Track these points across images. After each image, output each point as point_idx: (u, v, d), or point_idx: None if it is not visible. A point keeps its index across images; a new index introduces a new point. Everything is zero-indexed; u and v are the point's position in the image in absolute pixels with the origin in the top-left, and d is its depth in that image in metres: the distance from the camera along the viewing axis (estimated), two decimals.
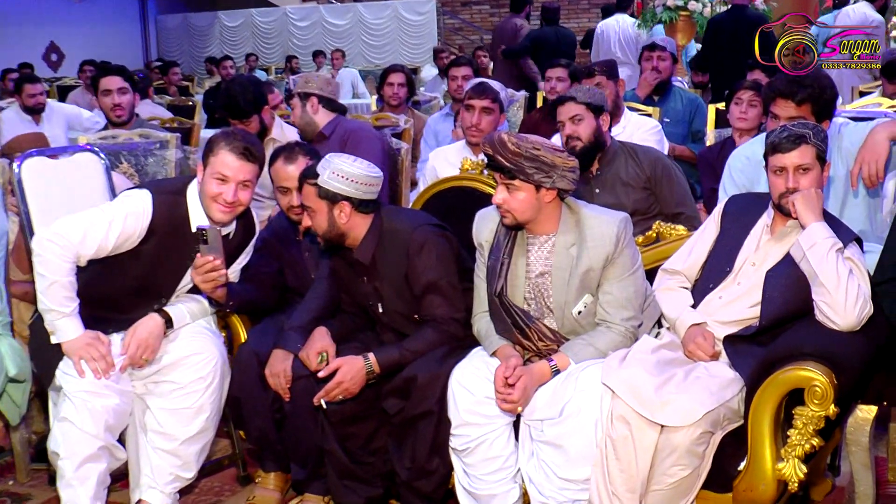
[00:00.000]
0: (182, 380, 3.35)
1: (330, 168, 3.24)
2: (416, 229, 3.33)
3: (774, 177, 3.07)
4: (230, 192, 3.30)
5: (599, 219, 3.09)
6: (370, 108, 9.12)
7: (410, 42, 19.75)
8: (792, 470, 2.73)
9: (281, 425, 3.47)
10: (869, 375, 2.91)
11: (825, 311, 2.86)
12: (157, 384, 3.38)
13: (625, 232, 3.07)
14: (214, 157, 3.31)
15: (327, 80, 5.05)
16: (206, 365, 3.38)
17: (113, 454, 3.27)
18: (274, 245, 3.79)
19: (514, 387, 2.96)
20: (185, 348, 3.39)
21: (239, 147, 3.30)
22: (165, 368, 3.37)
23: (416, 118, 6.51)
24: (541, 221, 3.11)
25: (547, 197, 3.05)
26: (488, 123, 4.64)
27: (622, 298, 3.07)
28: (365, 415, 3.32)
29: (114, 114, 5.61)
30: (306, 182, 3.30)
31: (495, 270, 3.16)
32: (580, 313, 3.10)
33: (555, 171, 2.99)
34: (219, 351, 3.44)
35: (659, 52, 6.46)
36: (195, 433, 3.39)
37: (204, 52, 20.59)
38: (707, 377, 2.88)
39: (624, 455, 2.77)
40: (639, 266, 3.14)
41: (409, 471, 3.24)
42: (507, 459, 3.10)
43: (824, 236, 2.91)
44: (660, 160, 4.24)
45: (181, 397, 3.35)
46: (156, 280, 3.40)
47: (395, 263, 3.34)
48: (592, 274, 3.07)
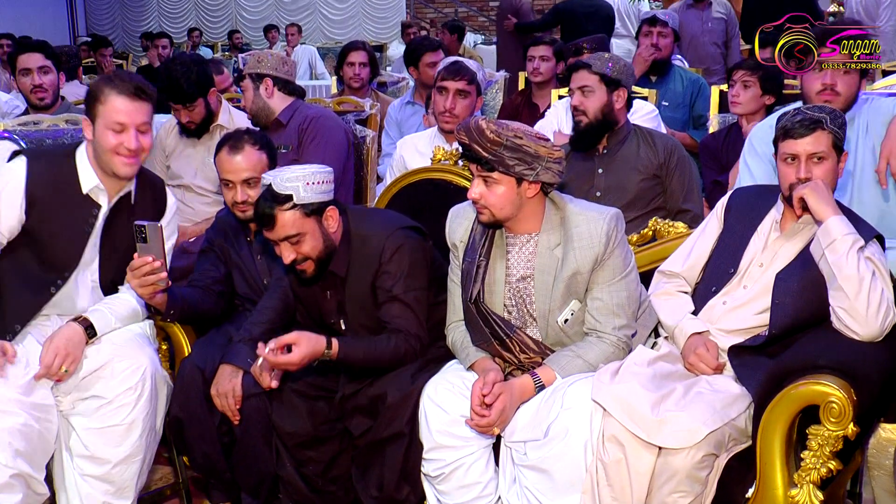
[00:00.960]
0: (107, 393, 3.29)
1: (294, 183, 3.16)
2: (390, 234, 3.32)
3: (785, 166, 3.09)
4: (131, 139, 3.27)
5: (586, 215, 3.09)
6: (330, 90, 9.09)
7: (376, 16, 19.76)
8: (807, 497, 2.75)
9: (230, 450, 3.46)
10: (892, 390, 2.91)
11: (844, 319, 2.88)
12: (83, 401, 3.33)
13: (615, 230, 3.07)
14: (103, 105, 3.28)
15: (283, 60, 5.03)
16: (134, 374, 3.31)
17: (31, 487, 3.20)
18: (221, 247, 3.79)
19: (490, 407, 2.97)
20: (108, 354, 3.33)
21: (129, 87, 3.27)
22: (87, 380, 3.32)
23: (382, 102, 6.50)
24: (522, 219, 3.11)
25: (529, 192, 3.05)
26: (464, 108, 4.64)
27: (613, 305, 3.08)
28: (324, 436, 3.32)
29: (35, 96, 5.55)
30: (279, 211, 3.17)
31: (470, 274, 3.16)
32: (566, 321, 3.11)
33: (538, 162, 2.99)
34: (149, 358, 3.37)
35: (660, 26, 6.44)
36: (128, 454, 3.33)
37: (140, 27, 20.50)
38: (710, 393, 2.89)
39: (617, 481, 2.77)
40: (632, 268, 3.15)
41: (376, 500, 3.24)
42: (486, 486, 3.11)
43: (844, 232, 2.91)
44: (676, 149, 4.29)
45: (109, 413, 3.29)
46: (53, 256, 3.38)
47: (363, 274, 3.33)
48: (580, 278, 3.07)
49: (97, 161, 3.35)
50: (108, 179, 3.37)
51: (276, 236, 3.20)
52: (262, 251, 3.74)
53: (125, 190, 3.43)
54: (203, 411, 3.45)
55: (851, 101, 3.64)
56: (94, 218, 3.36)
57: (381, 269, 3.31)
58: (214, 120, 4.93)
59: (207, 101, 4.86)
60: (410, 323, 3.30)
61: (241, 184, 3.61)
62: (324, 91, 10.70)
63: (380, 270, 3.31)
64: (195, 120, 4.84)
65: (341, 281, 3.35)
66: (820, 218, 2.97)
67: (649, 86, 6.20)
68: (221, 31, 19.98)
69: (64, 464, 3.36)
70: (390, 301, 3.31)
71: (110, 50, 13.30)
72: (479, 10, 19.35)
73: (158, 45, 12.04)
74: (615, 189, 4.21)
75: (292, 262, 3.24)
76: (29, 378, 3.23)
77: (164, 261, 3.28)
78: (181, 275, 3.93)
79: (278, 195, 3.15)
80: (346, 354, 3.21)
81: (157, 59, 10.95)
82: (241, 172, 3.61)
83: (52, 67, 5.61)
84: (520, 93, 6.83)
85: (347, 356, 3.22)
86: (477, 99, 4.72)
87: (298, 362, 3.11)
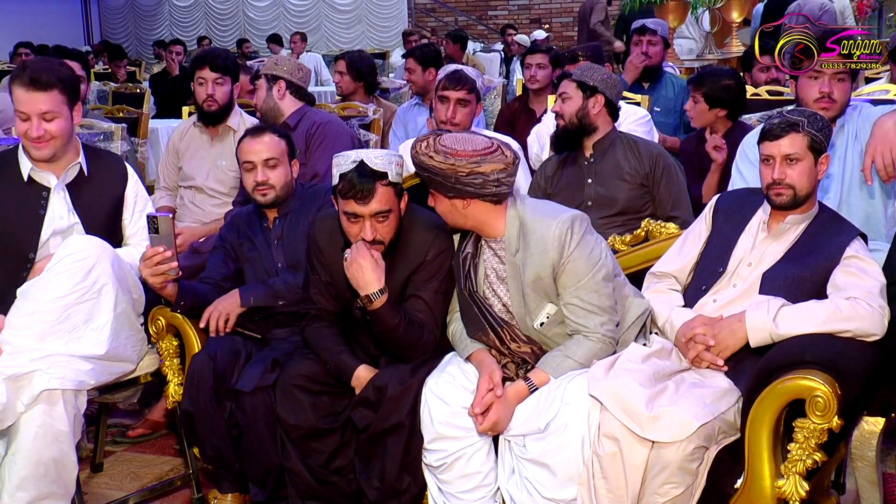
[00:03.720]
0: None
1: (387, 161, 3.17)
2: (438, 234, 3.31)
3: (763, 166, 3.12)
4: (33, 127, 3.42)
5: (542, 221, 3.04)
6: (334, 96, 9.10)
7: (378, 24, 19.78)
8: (793, 487, 2.74)
9: (238, 442, 3.47)
10: (875, 385, 2.92)
11: (859, 336, 2.88)
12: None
13: (569, 233, 2.99)
14: (13, 97, 3.44)
15: (299, 66, 5.09)
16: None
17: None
18: (233, 244, 3.79)
19: (485, 415, 2.98)
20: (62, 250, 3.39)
21: (24, 79, 3.42)
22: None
23: (384, 108, 6.52)
24: (482, 226, 3.11)
25: (462, 205, 3.05)
26: (464, 116, 4.63)
27: (590, 305, 3.03)
28: (327, 429, 3.32)
29: None
30: (379, 185, 3.14)
31: (458, 265, 3.20)
32: (542, 325, 3.10)
33: (448, 180, 2.99)
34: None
35: (649, 35, 6.47)
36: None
37: (152, 35, 20.51)
38: (700, 388, 2.89)
39: (611, 474, 2.77)
40: (599, 265, 3.04)
41: (378, 491, 3.24)
42: (486, 476, 3.11)
43: (765, 318, 2.93)
44: (661, 157, 4.29)
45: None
46: (16, 241, 3.51)
47: (405, 264, 3.31)
48: (544, 283, 3.04)
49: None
50: (43, 162, 3.53)
51: (370, 210, 3.15)
52: (279, 236, 3.75)
53: (73, 165, 3.59)
54: (213, 406, 3.45)
55: (844, 108, 3.65)
56: (44, 200, 3.53)
57: (423, 264, 3.29)
58: (228, 117, 4.94)
59: (232, 88, 4.94)
60: (430, 321, 3.29)
61: (262, 164, 3.65)
62: (329, 97, 10.71)
63: (421, 265, 3.29)
64: (218, 99, 4.87)
65: (388, 266, 3.30)
66: (747, 341, 2.97)
67: (642, 92, 6.20)
68: (230, 40, 19.98)
69: None
70: (417, 297, 3.30)
71: (125, 61, 13.36)
72: (478, 19, 19.38)
73: (173, 51, 12.06)
74: (605, 199, 4.23)
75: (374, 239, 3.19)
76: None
77: (174, 251, 3.30)
78: (191, 273, 3.93)
79: (376, 171, 3.13)
80: (387, 311, 3.18)
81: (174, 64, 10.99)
82: (262, 153, 3.64)
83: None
84: (517, 99, 6.84)
85: (386, 312, 3.18)
86: (477, 106, 4.72)
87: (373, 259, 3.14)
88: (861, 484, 3.09)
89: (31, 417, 3.18)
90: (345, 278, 3.23)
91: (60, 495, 3.29)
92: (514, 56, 13.34)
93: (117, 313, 3.43)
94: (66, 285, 3.29)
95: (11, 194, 3.53)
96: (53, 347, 3.25)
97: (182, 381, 3.62)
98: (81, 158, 3.61)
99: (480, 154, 2.99)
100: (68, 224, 3.58)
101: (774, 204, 3.09)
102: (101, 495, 3.90)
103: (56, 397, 3.20)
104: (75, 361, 3.28)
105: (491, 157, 3.00)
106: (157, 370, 3.77)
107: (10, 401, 3.15)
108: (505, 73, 13.16)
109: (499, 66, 13.51)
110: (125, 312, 3.48)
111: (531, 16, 19.11)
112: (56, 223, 3.55)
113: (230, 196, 4.80)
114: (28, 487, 3.19)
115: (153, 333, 3.64)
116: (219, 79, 4.86)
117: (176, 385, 3.64)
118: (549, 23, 18.60)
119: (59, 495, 3.29)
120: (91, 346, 3.34)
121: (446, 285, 3.32)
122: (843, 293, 2.91)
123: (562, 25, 18.78)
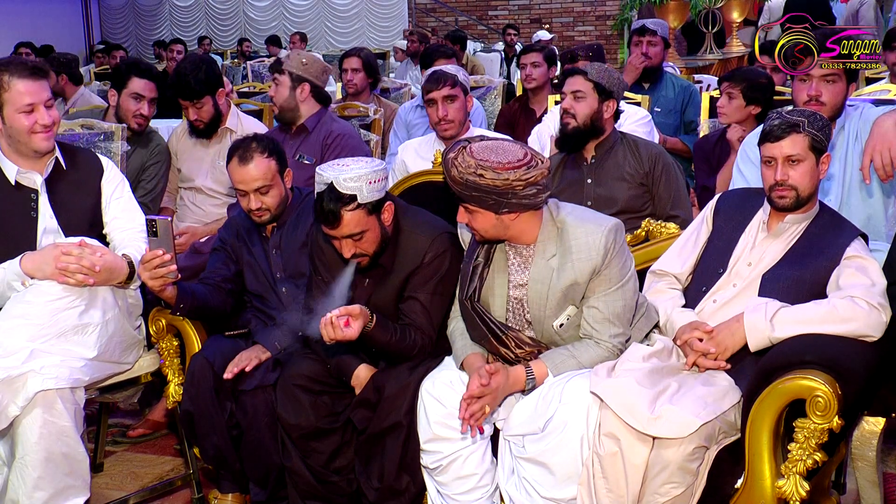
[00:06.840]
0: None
1: (358, 183, 3.11)
2: (437, 237, 3.31)
3: (765, 167, 3.11)
4: (43, 115, 3.41)
5: (585, 228, 3.02)
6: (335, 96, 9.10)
7: (379, 25, 19.77)
8: (793, 487, 2.74)
9: (239, 442, 3.47)
10: (876, 385, 2.92)
11: (859, 336, 2.88)
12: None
13: (614, 242, 3.00)
14: (8, 92, 3.39)
15: (324, 69, 5.02)
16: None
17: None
18: (233, 246, 3.78)
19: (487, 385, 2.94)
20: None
21: (27, 69, 3.41)
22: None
23: (385, 107, 6.51)
24: (516, 235, 3.06)
25: (509, 217, 2.99)
26: (456, 111, 4.64)
27: (609, 314, 3.04)
28: (327, 429, 3.33)
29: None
30: (344, 211, 3.11)
31: (466, 274, 3.15)
32: (562, 326, 3.09)
33: (503, 196, 2.91)
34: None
35: (649, 36, 6.47)
36: None
37: (152, 35, 20.51)
38: (702, 387, 2.89)
39: (612, 473, 2.77)
40: (629, 277, 3.07)
41: (378, 491, 3.24)
42: (483, 477, 3.11)
43: (762, 321, 2.93)
44: (661, 157, 4.28)
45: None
46: (14, 247, 3.44)
47: (403, 268, 3.31)
48: (577, 287, 3.03)
49: (13, 148, 3.47)
50: (28, 161, 3.51)
51: (340, 234, 3.16)
52: (277, 246, 3.73)
53: (51, 161, 3.56)
54: (213, 406, 3.45)
55: (839, 109, 3.65)
56: (34, 202, 3.50)
57: (420, 267, 3.29)
58: (223, 122, 4.92)
59: (216, 100, 4.85)
60: (425, 323, 3.29)
61: (254, 192, 3.59)
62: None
63: (419, 268, 3.29)
64: (203, 119, 4.83)
65: (384, 271, 3.32)
66: (745, 343, 2.97)
67: (642, 92, 6.20)
68: (231, 40, 20.00)
69: None
70: (414, 299, 3.31)
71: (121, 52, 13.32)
72: (478, 19, 19.37)
73: (174, 51, 12.06)
74: (605, 199, 4.21)
75: (355, 255, 3.21)
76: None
77: (173, 254, 3.29)
78: (192, 274, 3.93)
79: (343, 195, 3.10)
80: (378, 333, 3.17)
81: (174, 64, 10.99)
82: (252, 182, 3.57)
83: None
84: (516, 99, 6.83)
85: (378, 334, 3.18)
86: (466, 98, 4.72)
87: (354, 337, 3.07)
88: (861, 484, 3.09)
89: (32, 420, 3.19)
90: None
91: (78, 487, 3.32)
92: (514, 56, 13.35)
93: (108, 318, 3.42)
94: (57, 289, 3.29)
95: (2, 201, 3.49)
96: (44, 349, 3.25)
97: (182, 381, 3.62)
98: (58, 152, 3.59)
99: (525, 164, 2.92)
100: (57, 222, 3.57)
101: (777, 206, 3.08)
102: (102, 495, 3.90)
103: (53, 397, 3.20)
104: (68, 360, 3.28)
105: (533, 165, 2.94)
106: (157, 370, 3.77)
107: (4, 404, 3.16)
108: (506, 74, 13.16)
109: (499, 66, 13.50)
110: (116, 317, 3.47)
111: (531, 16, 19.10)
112: (47, 222, 3.53)
113: (230, 196, 4.79)
114: (44, 486, 3.21)
115: (153, 334, 3.64)
116: (197, 103, 4.79)
117: (176, 385, 3.64)
118: (550, 23, 18.59)
119: (77, 487, 3.31)
120: (81, 350, 3.33)
121: (444, 287, 3.31)
122: (843, 292, 2.91)
123: (562, 25, 18.77)
